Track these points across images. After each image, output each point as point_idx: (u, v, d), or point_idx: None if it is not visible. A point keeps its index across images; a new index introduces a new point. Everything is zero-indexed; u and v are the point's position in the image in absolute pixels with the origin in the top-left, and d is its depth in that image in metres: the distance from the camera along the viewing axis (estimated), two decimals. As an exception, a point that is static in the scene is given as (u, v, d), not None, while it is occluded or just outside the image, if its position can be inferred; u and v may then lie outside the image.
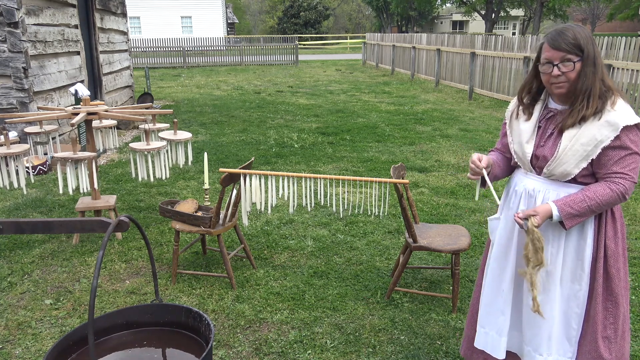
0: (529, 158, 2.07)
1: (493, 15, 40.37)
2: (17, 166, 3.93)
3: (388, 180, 2.95)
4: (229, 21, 46.16)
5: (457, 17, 56.99)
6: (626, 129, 1.89)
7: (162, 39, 24.82)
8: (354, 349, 2.84)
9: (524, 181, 2.13)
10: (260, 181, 3.28)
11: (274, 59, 24.45)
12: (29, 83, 6.29)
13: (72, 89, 5.36)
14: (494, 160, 2.24)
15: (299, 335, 2.96)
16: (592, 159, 1.94)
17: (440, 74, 15.01)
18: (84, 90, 5.18)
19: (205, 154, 3.85)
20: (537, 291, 2.01)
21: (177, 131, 4.34)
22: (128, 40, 11.19)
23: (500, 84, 11.89)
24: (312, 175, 3.18)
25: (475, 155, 2.17)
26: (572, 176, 1.98)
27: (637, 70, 7.86)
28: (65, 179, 3.92)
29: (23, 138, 5.95)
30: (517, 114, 2.17)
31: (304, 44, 40.23)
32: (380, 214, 4.77)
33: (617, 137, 1.89)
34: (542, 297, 2.08)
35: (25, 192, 4.33)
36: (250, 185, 3.27)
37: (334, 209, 3.63)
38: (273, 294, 3.41)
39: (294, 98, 12.84)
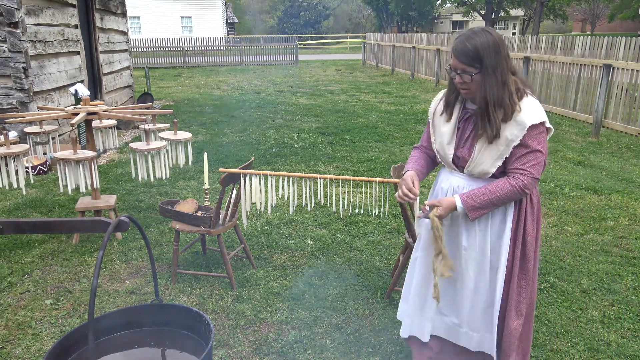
0: (451, 158, 2.18)
1: (493, 15, 40.36)
2: (17, 166, 3.92)
3: (388, 180, 2.95)
4: (229, 21, 46.15)
5: (457, 17, 56.95)
6: (531, 127, 1.99)
7: (162, 39, 24.82)
8: (354, 349, 2.84)
9: (450, 179, 2.23)
10: (260, 181, 3.28)
11: (274, 59, 24.45)
12: (29, 83, 6.29)
13: (72, 89, 5.36)
14: (418, 165, 2.32)
15: (299, 335, 2.96)
16: (506, 157, 2.04)
17: (440, 74, 15.01)
18: (84, 90, 5.18)
19: (205, 154, 3.84)
20: (437, 278, 2.16)
21: (177, 131, 4.34)
22: (128, 40, 11.18)
23: (500, 84, 11.88)
24: (312, 175, 3.18)
25: (409, 177, 2.20)
26: (491, 174, 2.09)
27: (637, 70, 7.86)
28: (65, 179, 3.92)
29: (23, 138, 5.95)
30: (441, 113, 2.24)
31: (304, 44, 40.22)
32: (380, 214, 4.77)
33: (523, 136, 2.00)
34: (475, 283, 2.23)
35: (24, 193, 4.33)
36: (250, 185, 3.27)
37: (334, 209, 3.63)
38: (273, 294, 3.41)
39: (294, 98, 12.84)
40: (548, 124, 2.03)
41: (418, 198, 2.27)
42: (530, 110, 2.00)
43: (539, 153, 2.01)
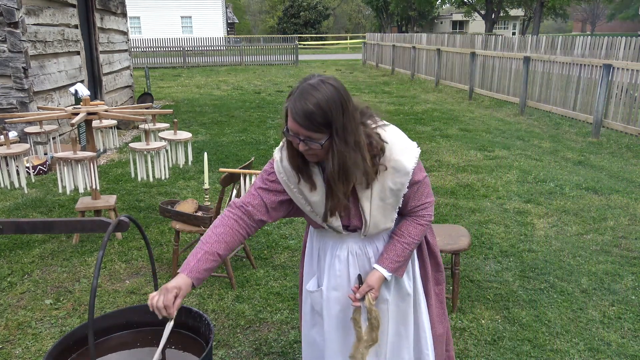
0: (341, 228, 1.89)
1: (493, 15, 40.36)
2: (17, 166, 3.93)
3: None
4: (229, 21, 46.17)
5: (457, 17, 57.00)
6: (414, 169, 1.80)
7: (162, 39, 24.81)
8: (354, 349, 2.84)
9: (345, 244, 1.95)
10: (260, 181, 3.27)
11: (274, 59, 24.44)
12: (29, 83, 6.29)
13: (72, 89, 5.36)
14: (207, 263, 1.77)
15: (299, 335, 2.96)
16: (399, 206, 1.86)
17: (440, 74, 15.01)
18: (84, 90, 5.18)
19: (205, 154, 3.84)
20: None
21: (177, 131, 4.34)
22: (128, 40, 11.19)
23: (500, 84, 11.90)
24: (312, 175, 3.17)
25: (173, 291, 1.67)
26: (391, 227, 1.89)
27: (637, 70, 7.86)
28: (65, 179, 3.92)
29: (23, 138, 5.95)
30: (298, 181, 1.83)
31: (304, 44, 40.23)
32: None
33: (410, 180, 1.81)
34: (395, 341, 2.00)
35: (26, 192, 4.33)
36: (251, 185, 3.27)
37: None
38: (273, 294, 3.41)
39: (294, 98, 12.83)
40: (418, 148, 1.85)
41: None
42: (404, 152, 1.79)
43: (426, 179, 1.86)
